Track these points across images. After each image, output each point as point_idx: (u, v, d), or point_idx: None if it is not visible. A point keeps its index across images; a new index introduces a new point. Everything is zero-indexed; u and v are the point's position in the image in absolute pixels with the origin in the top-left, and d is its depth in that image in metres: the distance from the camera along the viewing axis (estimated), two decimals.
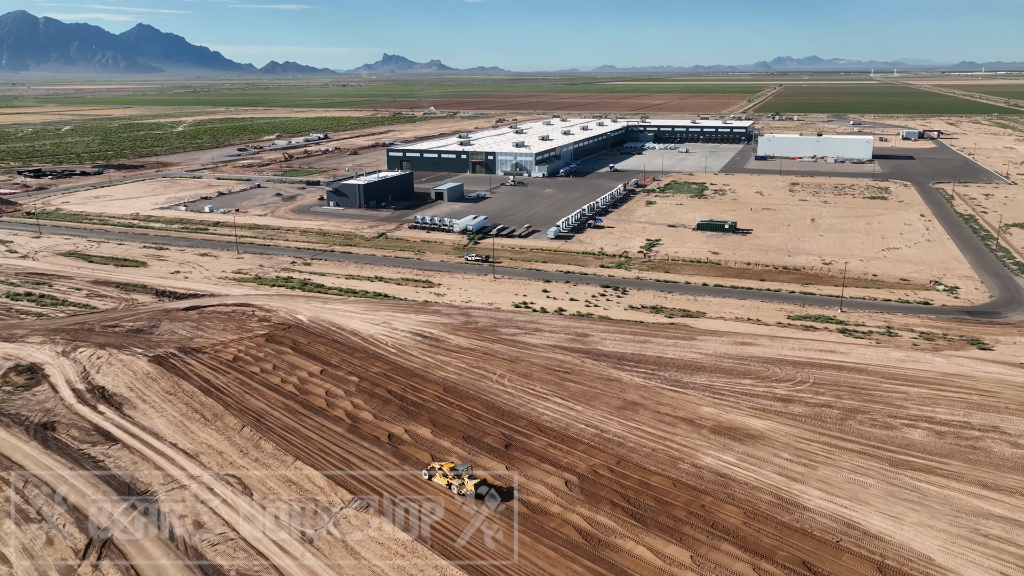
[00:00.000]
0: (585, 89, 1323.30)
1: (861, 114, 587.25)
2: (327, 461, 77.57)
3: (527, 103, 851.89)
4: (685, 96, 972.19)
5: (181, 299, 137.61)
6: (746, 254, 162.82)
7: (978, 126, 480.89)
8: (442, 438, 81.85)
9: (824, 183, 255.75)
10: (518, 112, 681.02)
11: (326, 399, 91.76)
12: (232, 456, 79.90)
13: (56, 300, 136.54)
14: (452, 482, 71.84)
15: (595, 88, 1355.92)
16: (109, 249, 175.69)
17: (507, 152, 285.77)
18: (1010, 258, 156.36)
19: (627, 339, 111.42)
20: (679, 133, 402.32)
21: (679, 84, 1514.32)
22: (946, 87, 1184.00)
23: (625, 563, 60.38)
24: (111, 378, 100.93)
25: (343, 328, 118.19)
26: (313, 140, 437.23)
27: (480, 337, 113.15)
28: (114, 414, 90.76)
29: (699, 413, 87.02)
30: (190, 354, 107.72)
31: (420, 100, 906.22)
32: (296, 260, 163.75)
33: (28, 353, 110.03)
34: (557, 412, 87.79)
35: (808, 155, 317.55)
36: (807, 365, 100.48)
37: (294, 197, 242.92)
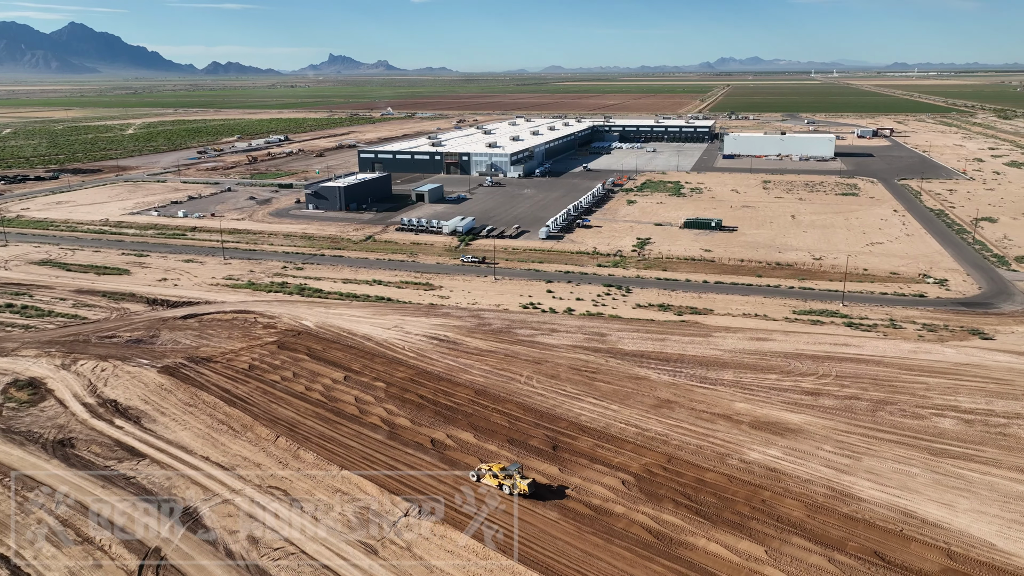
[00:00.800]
0: (537, 89, 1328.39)
1: (812, 113, 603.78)
2: (374, 468, 75.90)
3: (483, 104, 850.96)
4: (639, 96, 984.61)
5: (176, 307, 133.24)
6: (737, 251, 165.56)
7: (924, 124, 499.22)
8: (486, 442, 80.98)
9: (795, 180, 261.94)
10: (477, 113, 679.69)
11: (357, 406, 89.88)
12: (272, 468, 77.59)
13: (41, 311, 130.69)
14: (503, 482, 71.24)
15: (547, 88, 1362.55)
16: (85, 257, 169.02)
17: (482, 153, 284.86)
18: (987, 251, 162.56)
19: (645, 337, 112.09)
20: (644, 133, 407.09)
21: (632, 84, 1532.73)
22: (885, 87, 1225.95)
23: (703, 561, 60.64)
24: (122, 391, 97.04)
25: (354, 333, 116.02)
26: (274, 142, 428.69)
27: (497, 339, 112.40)
28: (134, 428, 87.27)
29: (734, 409, 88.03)
30: (201, 364, 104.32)
31: (375, 101, 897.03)
32: (287, 265, 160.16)
33: (25, 367, 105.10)
34: (594, 412, 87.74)
35: (773, 153, 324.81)
36: (826, 359, 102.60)
37: (269, 200, 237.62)
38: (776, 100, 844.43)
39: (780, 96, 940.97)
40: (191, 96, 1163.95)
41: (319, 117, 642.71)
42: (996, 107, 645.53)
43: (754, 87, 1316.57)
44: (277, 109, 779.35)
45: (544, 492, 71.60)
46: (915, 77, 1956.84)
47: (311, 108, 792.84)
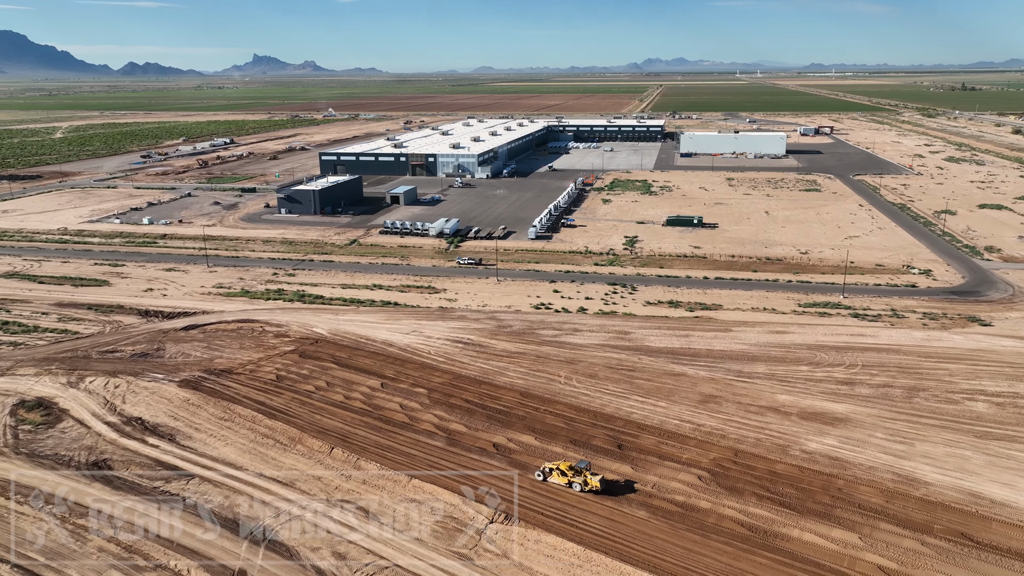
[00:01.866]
0: (474, 90, 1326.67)
1: (751, 112, 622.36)
2: (442, 476, 74.46)
3: (424, 104, 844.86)
4: (578, 96, 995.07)
5: (172, 318, 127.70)
6: (725, 247, 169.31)
7: (858, 122, 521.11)
8: (549, 444, 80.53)
9: (757, 178, 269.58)
10: (421, 113, 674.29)
11: (405, 413, 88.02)
12: (334, 480, 75.23)
13: (26, 327, 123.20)
14: (573, 480, 71.26)
15: (484, 89, 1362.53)
16: (54, 268, 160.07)
17: (448, 154, 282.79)
18: (957, 242, 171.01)
19: (668, 334, 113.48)
20: (597, 132, 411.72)
21: (569, 85, 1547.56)
22: (809, 87, 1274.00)
23: (803, 551, 61.81)
24: (144, 408, 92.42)
25: (373, 339, 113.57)
26: (220, 145, 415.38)
27: (522, 340, 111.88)
28: (171, 446, 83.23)
29: (778, 401, 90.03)
30: (223, 376, 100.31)
31: (315, 102, 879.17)
32: (277, 271, 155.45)
33: (28, 387, 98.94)
34: (644, 410, 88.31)
35: (728, 152, 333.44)
36: (847, 349, 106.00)
37: (235, 205, 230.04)
38: (711, 99, 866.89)
39: (714, 95, 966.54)
40: (114, 98, 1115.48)
41: (259, 119, 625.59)
42: (918, 106, 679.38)
43: (686, 87, 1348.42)
44: (211, 111, 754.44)
45: (615, 488, 71.87)
46: (833, 77, 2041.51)
47: (247, 110, 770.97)
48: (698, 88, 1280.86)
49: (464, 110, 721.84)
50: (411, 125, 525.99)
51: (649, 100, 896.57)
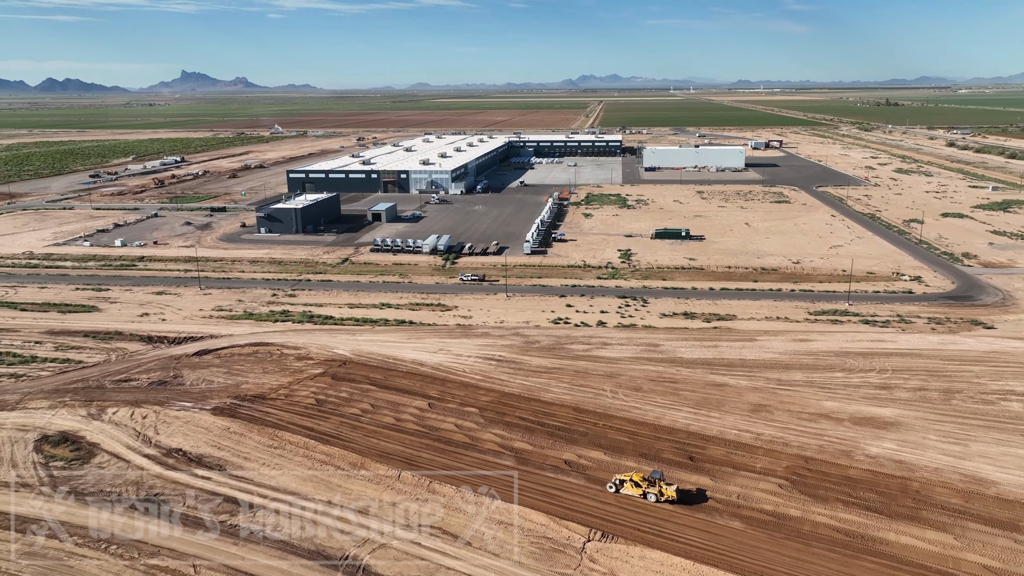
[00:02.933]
0: (415, 106, 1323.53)
1: (698, 127, 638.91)
2: (521, 496, 73.23)
3: (370, 121, 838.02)
4: (524, 112, 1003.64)
5: (180, 343, 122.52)
6: (719, 258, 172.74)
7: (801, 136, 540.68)
8: (620, 458, 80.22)
9: (725, 190, 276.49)
10: (371, 130, 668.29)
11: (463, 433, 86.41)
12: (411, 505, 73.13)
13: (21, 357, 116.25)
14: (648, 491, 71.48)
15: (427, 105, 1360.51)
16: (32, 294, 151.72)
17: (420, 170, 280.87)
18: (934, 250, 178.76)
19: (696, 345, 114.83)
20: (558, 148, 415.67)
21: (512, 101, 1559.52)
22: (743, 102, 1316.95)
23: (905, 554, 63.06)
24: (182, 438, 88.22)
25: (402, 359, 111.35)
26: (171, 163, 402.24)
27: (555, 356, 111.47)
28: (223, 477, 79.58)
29: (826, 408, 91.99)
30: (257, 402, 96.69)
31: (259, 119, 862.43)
32: (276, 292, 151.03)
33: (46, 420, 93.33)
34: (700, 421, 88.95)
35: (690, 165, 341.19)
36: (871, 355, 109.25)
37: (209, 226, 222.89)
38: (655, 115, 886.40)
39: (656, 111, 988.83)
40: (38, 116, 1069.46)
41: (203, 137, 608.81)
42: (853, 120, 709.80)
43: (625, 103, 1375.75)
44: (150, 129, 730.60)
45: (690, 498, 72.27)
46: (763, 93, 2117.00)
47: (187, 127, 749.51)
48: (637, 104, 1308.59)
49: (413, 126, 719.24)
50: (364, 142, 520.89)
51: (593, 116, 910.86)
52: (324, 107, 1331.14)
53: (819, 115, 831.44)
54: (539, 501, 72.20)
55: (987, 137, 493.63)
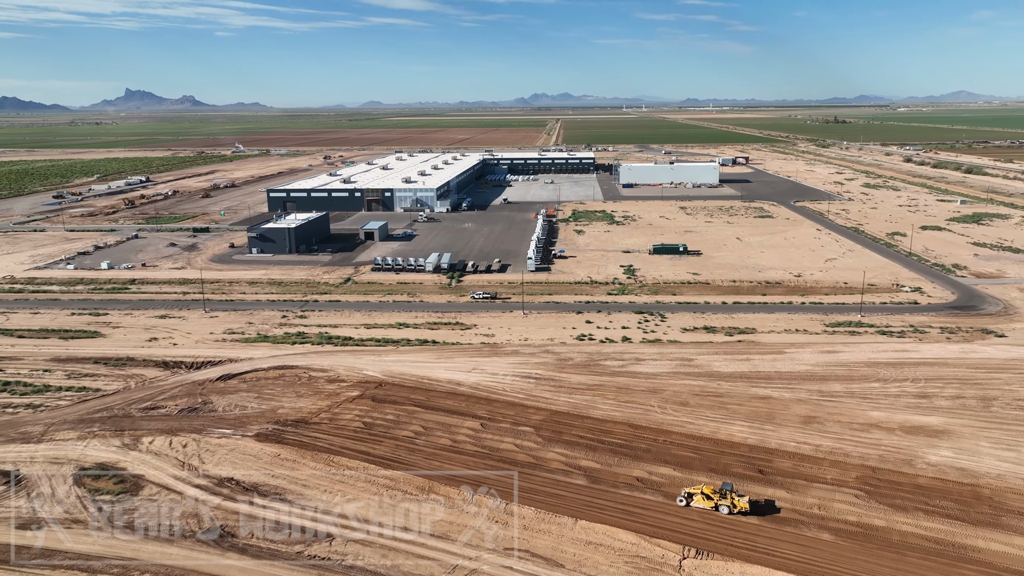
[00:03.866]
0: (374, 125, 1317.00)
1: (661, 144, 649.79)
2: (605, 515, 72.47)
3: (331, 139, 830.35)
4: (485, 131, 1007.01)
5: (199, 368, 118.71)
6: (721, 273, 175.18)
7: (762, 152, 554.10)
8: (690, 474, 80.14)
9: (707, 206, 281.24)
10: (336, 148, 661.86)
11: (525, 454, 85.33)
12: (492, 529, 71.72)
13: (33, 386, 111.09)
14: (720, 503, 71.85)
15: (386, 124, 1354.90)
16: (26, 320, 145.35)
17: (404, 188, 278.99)
18: (924, 261, 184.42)
19: (728, 359, 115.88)
20: (531, 165, 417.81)
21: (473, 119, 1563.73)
22: (697, 120, 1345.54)
23: (1001, 561, 64.24)
24: (231, 467, 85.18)
25: (437, 379, 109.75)
26: (136, 184, 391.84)
27: (592, 372, 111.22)
28: (285, 506, 77.01)
29: (873, 418, 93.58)
30: (300, 427, 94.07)
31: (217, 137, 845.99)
32: (286, 314, 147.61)
33: (79, 452, 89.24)
34: (756, 434, 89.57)
35: (667, 182, 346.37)
36: (900, 364, 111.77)
37: (195, 247, 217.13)
38: (615, 132, 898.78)
39: (615, 128, 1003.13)
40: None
41: (163, 156, 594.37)
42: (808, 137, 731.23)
43: (582, 121, 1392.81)
44: (104, 148, 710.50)
45: (761, 509, 72.80)
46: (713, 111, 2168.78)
47: (143, 147, 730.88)
48: (594, 122, 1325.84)
49: (377, 144, 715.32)
50: (332, 160, 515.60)
51: (555, 134, 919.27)
52: (280, 125, 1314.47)
53: (774, 132, 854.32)
54: (621, 519, 71.51)
55: (939, 153, 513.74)
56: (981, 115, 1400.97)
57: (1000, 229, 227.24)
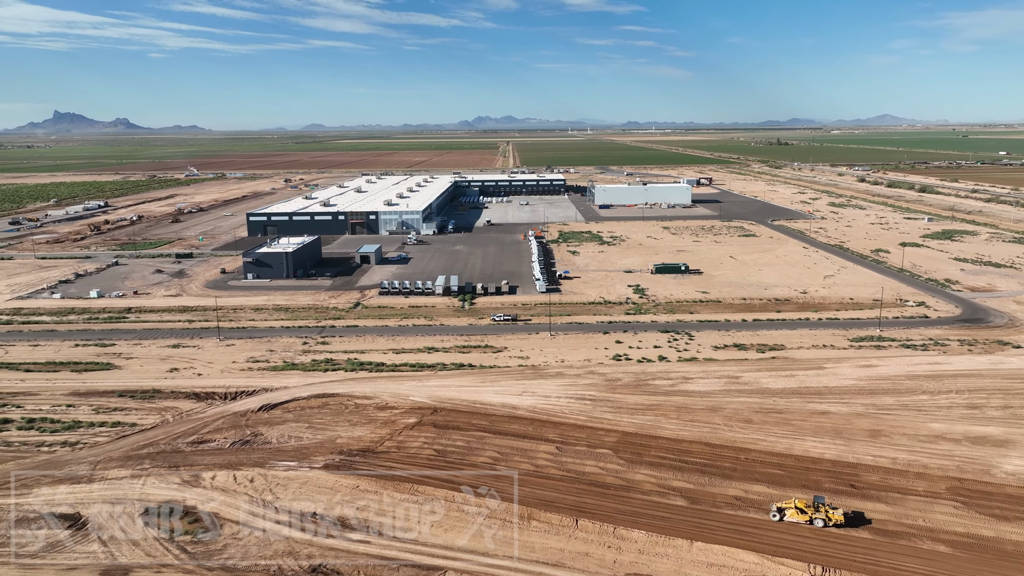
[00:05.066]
0: (323, 147, 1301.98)
1: (620, 165, 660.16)
2: (717, 535, 72.05)
3: (284, 162, 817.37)
4: (440, 153, 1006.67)
5: (234, 399, 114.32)
6: (728, 291, 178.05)
7: (721, 174, 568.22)
8: (785, 490, 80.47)
9: (690, 225, 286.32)
10: (292, 171, 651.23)
11: (614, 476, 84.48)
12: (605, 554, 70.54)
13: (61, 423, 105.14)
14: (815, 516, 72.81)
15: (337, 146, 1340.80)
16: (28, 353, 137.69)
17: (390, 211, 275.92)
18: (918, 277, 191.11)
19: (773, 375, 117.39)
20: (503, 187, 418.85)
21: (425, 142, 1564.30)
22: (645, 142, 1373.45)
23: None
24: (308, 501, 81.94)
25: (490, 403, 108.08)
26: (95, 208, 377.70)
27: (645, 392, 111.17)
28: (382, 539, 74.50)
29: (935, 429, 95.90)
30: (368, 456, 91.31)
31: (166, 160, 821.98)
32: (307, 340, 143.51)
33: (140, 492, 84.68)
34: (831, 448, 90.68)
35: (641, 202, 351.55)
36: (938, 377, 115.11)
37: (182, 272, 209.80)
38: (570, 154, 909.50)
39: (568, 151, 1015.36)
40: None
41: (114, 180, 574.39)
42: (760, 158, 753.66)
43: (532, 143, 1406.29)
44: (47, 172, 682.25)
45: (854, 521, 74.00)
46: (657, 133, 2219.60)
47: (88, 170, 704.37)
48: (544, 144, 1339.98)
49: (332, 167, 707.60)
50: (295, 183, 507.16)
51: (510, 156, 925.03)
52: (225, 148, 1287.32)
53: (724, 154, 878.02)
54: (733, 538, 71.16)
55: (887, 173, 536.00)
56: (910, 137, 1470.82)
57: (973, 245, 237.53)
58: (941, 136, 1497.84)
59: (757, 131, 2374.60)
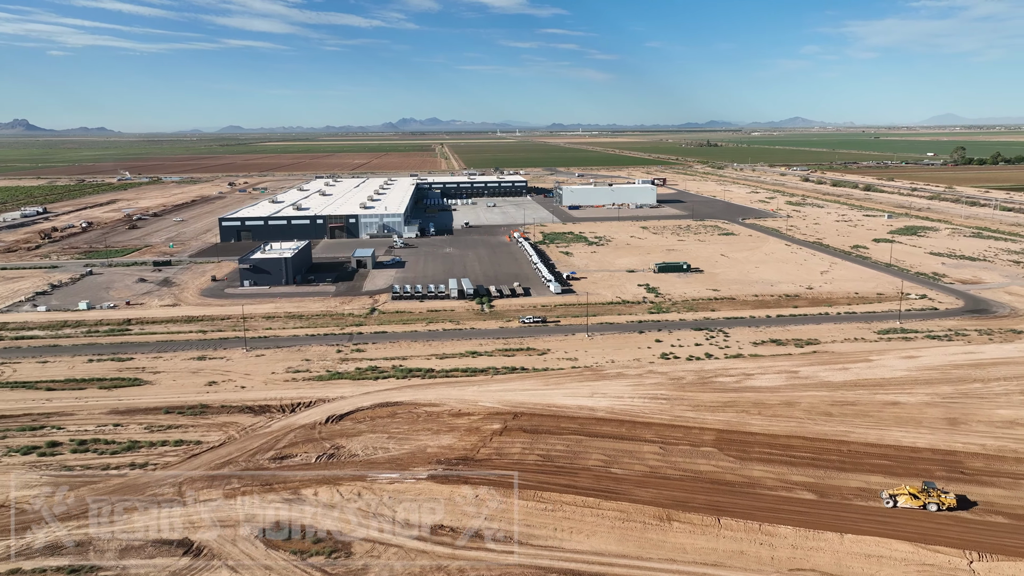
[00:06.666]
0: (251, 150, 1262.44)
1: (567, 167, 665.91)
2: (861, 527, 73.36)
3: (217, 165, 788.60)
4: (379, 155, 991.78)
5: (293, 412, 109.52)
6: (738, 288, 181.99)
7: (669, 174, 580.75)
8: (902, 480, 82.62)
9: (666, 225, 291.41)
10: (232, 175, 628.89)
11: (734, 474, 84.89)
12: (760, 552, 70.82)
13: (118, 443, 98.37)
14: (927, 501, 75.71)
15: (267, 149, 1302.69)
16: (38, 370, 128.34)
17: (370, 214, 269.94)
18: (906, 271, 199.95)
19: (827, 369, 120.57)
20: (464, 189, 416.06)
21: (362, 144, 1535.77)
22: (577, 144, 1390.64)
23: None
24: (431, 514, 79.42)
25: (566, 406, 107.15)
26: (32, 215, 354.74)
27: (714, 389, 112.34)
28: (529, 549, 72.73)
29: (1005, 416, 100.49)
30: (471, 465, 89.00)
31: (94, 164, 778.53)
32: (340, 348, 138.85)
33: (242, 512, 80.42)
34: (923, 438, 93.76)
35: (609, 203, 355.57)
36: (981, 365, 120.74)
37: (168, 281, 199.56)
38: (509, 156, 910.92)
39: (507, 152, 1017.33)
40: None
41: (38, 185, 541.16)
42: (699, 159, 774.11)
43: (467, 145, 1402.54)
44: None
45: (964, 504, 77.15)
46: (585, 135, 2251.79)
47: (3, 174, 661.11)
48: (480, 146, 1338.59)
49: (269, 170, 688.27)
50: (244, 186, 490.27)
51: (449, 157, 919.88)
52: (146, 152, 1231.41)
53: (662, 155, 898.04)
54: (876, 528, 72.60)
55: (826, 173, 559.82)
56: (825, 138, 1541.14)
57: (939, 240, 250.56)
58: (854, 138, 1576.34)
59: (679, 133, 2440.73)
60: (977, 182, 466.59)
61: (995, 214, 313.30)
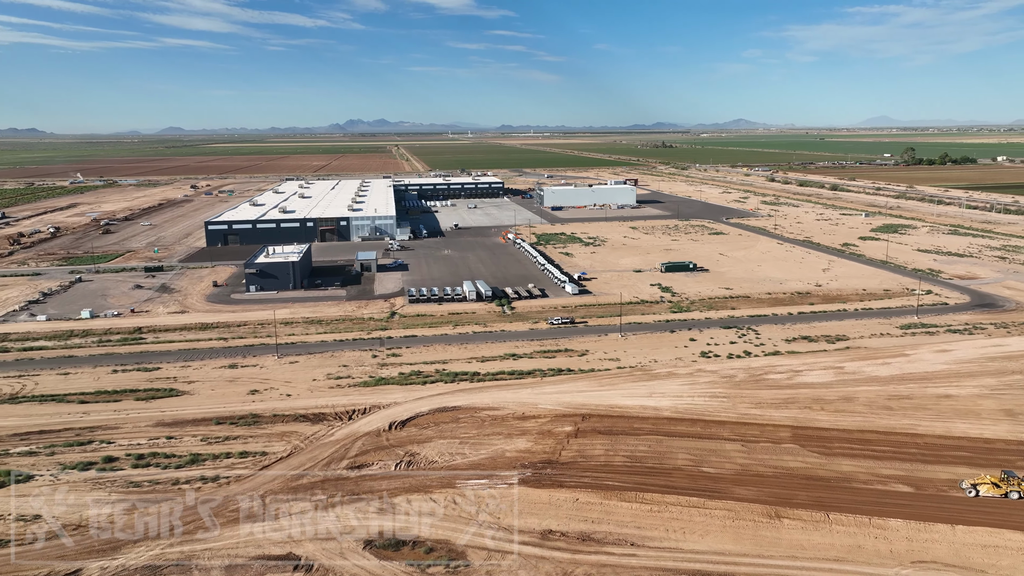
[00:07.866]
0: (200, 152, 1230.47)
1: (535, 168, 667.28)
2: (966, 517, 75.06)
3: (170, 168, 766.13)
4: (338, 156, 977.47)
5: (351, 420, 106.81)
6: (748, 287, 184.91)
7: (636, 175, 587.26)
8: (982, 470, 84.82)
9: (655, 225, 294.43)
10: (191, 177, 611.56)
11: (825, 470, 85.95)
12: (877, 545, 71.75)
13: (178, 457, 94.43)
14: (1010, 490, 78.31)
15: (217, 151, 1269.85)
16: (61, 383, 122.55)
17: (361, 217, 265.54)
18: (903, 268, 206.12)
19: (869, 364, 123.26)
20: (441, 191, 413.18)
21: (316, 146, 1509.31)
22: (533, 145, 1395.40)
23: None
24: (535, 518, 78.37)
25: (628, 407, 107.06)
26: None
27: (769, 387, 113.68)
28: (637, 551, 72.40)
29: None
30: (559, 468, 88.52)
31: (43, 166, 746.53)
32: (376, 353, 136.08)
33: (339, 524, 78.24)
34: (987, 430, 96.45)
35: (590, 203, 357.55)
36: (1012, 358, 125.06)
37: (167, 287, 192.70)
38: (469, 157, 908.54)
39: (465, 154, 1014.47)
40: None
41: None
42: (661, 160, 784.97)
43: (422, 147, 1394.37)
44: None
45: None
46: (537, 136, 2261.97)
47: None
48: (436, 147, 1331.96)
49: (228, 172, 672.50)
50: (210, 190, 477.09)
51: (409, 159, 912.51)
52: (89, 154, 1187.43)
53: (620, 156, 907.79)
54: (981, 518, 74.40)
55: (788, 173, 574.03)
56: (773, 140, 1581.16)
57: (921, 237, 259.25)
58: (800, 139, 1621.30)
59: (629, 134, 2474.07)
60: (932, 181, 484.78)
61: (963, 212, 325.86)
